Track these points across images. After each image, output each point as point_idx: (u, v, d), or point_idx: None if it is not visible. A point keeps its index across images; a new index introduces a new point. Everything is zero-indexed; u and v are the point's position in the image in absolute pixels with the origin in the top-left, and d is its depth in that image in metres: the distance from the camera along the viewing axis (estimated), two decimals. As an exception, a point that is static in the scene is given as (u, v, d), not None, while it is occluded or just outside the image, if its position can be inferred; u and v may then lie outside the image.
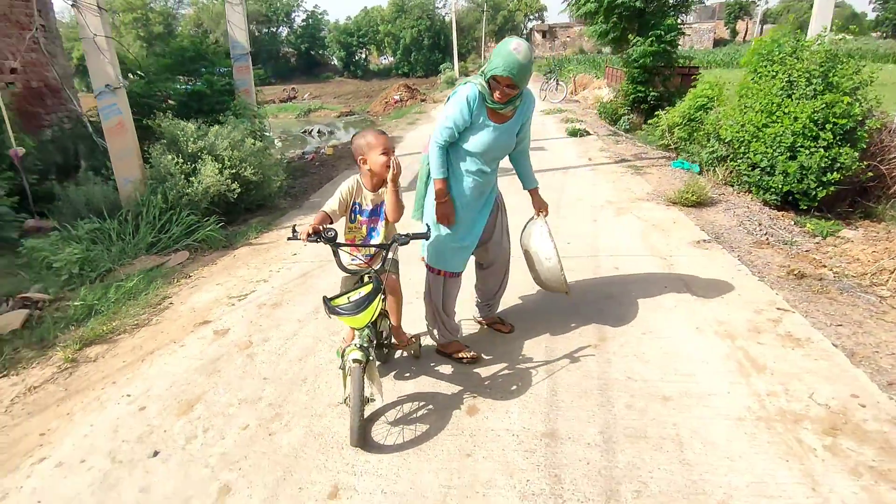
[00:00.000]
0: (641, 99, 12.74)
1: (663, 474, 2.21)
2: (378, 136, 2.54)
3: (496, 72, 2.51)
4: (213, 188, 5.35)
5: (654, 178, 7.17)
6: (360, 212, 2.62)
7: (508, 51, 2.49)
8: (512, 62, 2.46)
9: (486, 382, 2.88)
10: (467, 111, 2.64)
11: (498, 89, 2.57)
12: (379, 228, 2.63)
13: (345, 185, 2.60)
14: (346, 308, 2.26)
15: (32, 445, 2.57)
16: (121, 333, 3.64)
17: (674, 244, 4.73)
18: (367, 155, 2.50)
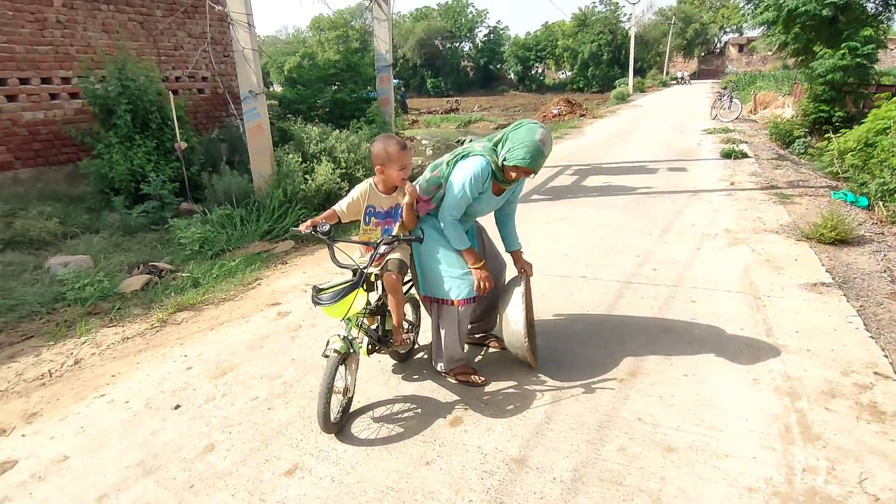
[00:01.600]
0: (824, 119, 11.12)
1: (620, 529, 1.96)
2: (399, 151, 2.54)
3: (522, 164, 2.51)
4: (325, 186, 5.88)
5: (799, 208, 6.20)
6: (375, 213, 2.67)
7: (535, 143, 2.48)
8: (538, 156, 2.51)
9: (484, 398, 2.79)
10: (478, 188, 2.64)
11: (515, 173, 2.59)
12: (393, 230, 2.67)
13: (358, 189, 2.67)
14: (322, 298, 2.37)
15: (102, 383, 3.11)
16: (209, 304, 4.20)
17: (779, 284, 4.07)
18: (385, 167, 2.55)
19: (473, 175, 2.60)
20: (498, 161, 2.62)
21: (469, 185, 2.61)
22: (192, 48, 9.07)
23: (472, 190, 2.62)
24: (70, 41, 7.31)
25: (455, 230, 2.71)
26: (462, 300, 2.70)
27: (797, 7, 10.28)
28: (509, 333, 2.80)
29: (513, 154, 2.52)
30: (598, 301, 3.88)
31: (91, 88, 6.25)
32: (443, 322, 2.79)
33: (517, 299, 2.76)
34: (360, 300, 2.41)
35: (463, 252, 2.73)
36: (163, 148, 6.60)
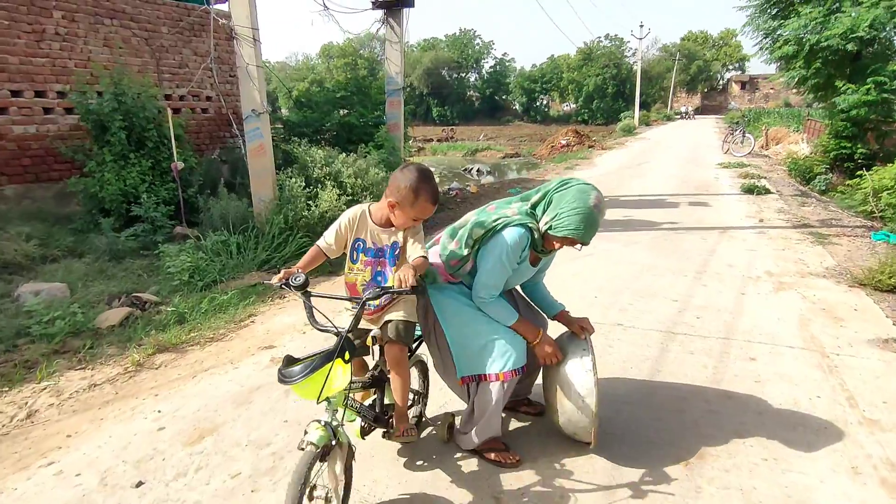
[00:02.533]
0: (846, 157, 10.77)
1: None
2: (427, 202, 2.00)
3: (573, 235, 2.10)
4: (328, 213, 5.42)
5: (841, 250, 5.73)
6: (365, 250, 2.10)
7: (589, 211, 2.07)
8: (592, 225, 2.10)
9: (522, 494, 2.24)
10: (517, 260, 2.22)
11: (560, 244, 2.18)
12: (388, 274, 2.08)
13: (346, 216, 2.12)
14: (290, 374, 1.73)
15: (54, 446, 2.58)
16: (193, 345, 3.68)
17: (846, 339, 3.57)
18: (399, 207, 1.99)
19: (510, 248, 2.16)
20: (539, 227, 2.18)
21: (507, 260, 2.17)
22: (198, 66, 8.73)
23: (510, 264, 2.20)
24: (69, 54, 6.95)
25: (499, 307, 2.26)
26: (508, 372, 2.21)
27: (819, 42, 9.97)
28: (569, 409, 2.26)
29: (561, 223, 2.10)
30: (641, 355, 3.37)
31: (84, 103, 5.86)
32: (482, 399, 2.28)
33: (583, 364, 2.24)
34: (341, 375, 1.77)
35: (515, 327, 2.27)
36: (159, 168, 6.17)
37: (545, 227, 2.16)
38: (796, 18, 10.37)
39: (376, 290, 1.84)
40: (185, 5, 8.58)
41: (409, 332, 2.15)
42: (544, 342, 2.29)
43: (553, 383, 2.33)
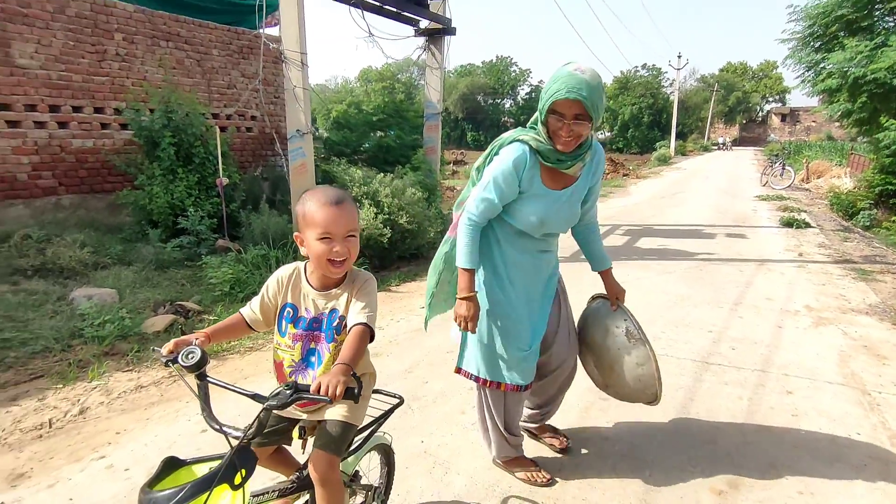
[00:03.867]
0: (892, 192, 10.47)
1: None
2: (321, 207, 1.50)
3: (558, 95, 1.83)
4: (365, 231, 5.56)
5: (885, 287, 5.58)
6: (294, 320, 1.61)
7: (568, 71, 1.85)
8: (578, 80, 1.82)
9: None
10: (514, 178, 2.01)
11: (562, 127, 1.89)
12: (323, 354, 1.60)
13: (274, 276, 1.65)
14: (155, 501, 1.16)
15: (104, 442, 2.71)
16: (233, 353, 3.82)
17: (888, 378, 3.48)
18: (304, 233, 1.55)
19: (503, 162, 2.00)
20: (541, 129, 1.97)
21: (501, 176, 2.00)
22: (245, 87, 9.12)
23: (505, 183, 2.00)
24: (127, 73, 7.35)
25: (467, 238, 2.07)
26: (511, 386, 2.19)
27: (864, 75, 9.82)
28: (632, 378, 2.20)
29: (545, 95, 1.89)
30: (676, 384, 3.35)
31: (136, 120, 6.18)
32: (485, 405, 2.31)
33: (629, 333, 2.20)
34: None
35: (460, 272, 2.09)
36: (204, 183, 6.43)
37: (540, 118, 1.96)
38: (840, 51, 10.25)
39: (287, 392, 1.29)
40: (236, 30, 8.99)
41: (346, 439, 1.62)
42: (467, 303, 2.06)
43: (603, 362, 2.29)
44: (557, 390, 2.46)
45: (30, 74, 6.34)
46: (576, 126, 1.88)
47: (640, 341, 2.19)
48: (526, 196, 2.06)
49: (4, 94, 6.12)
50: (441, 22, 7.94)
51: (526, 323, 2.18)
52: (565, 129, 1.89)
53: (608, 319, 2.30)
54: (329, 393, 1.27)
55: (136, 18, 7.41)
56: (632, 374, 2.21)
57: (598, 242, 2.38)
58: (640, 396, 2.29)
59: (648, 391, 2.23)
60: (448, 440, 2.73)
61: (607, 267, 2.36)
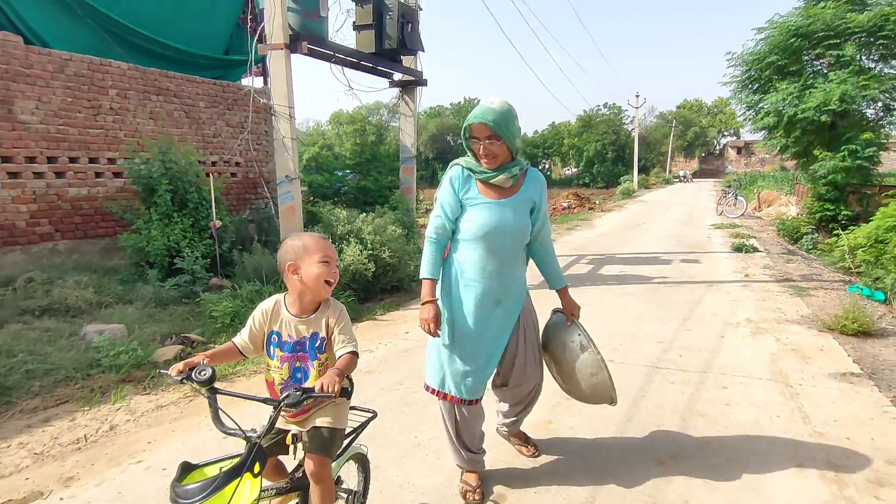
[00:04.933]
0: (830, 217, 11.44)
1: None
2: (319, 240, 1.86)
3: (469, 121, 2.28)
4: (352, 266, 6.06)
5: (816, 301, 6.29)
6: (280, 344, 1.87)
7: (482, 103, 2.30)
8: (485, 108, 2.25)
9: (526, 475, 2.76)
10: (451, 192, 2.38)
11: (479, 147, 2.29)
12: (310, 371, 1.86)
13: (259, 308, 1.90)
14: (180, 494, 1.42)
15: (138, 449, 3.11)
16: (240, 376, 4.24)
17: (809, 373, 4.09)
18: (301, 264, 1.81)
19: (445, 181, 2.41)
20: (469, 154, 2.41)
21: (442, 193, 2.40)
22: (230, 136, 9.66)
23: (446, 197, 2.39)
24: (120, 126, 7.84)
25: (425, 253, 2.42)
26: (455, 398, 2.44)
27: (796, 114, 10.88)
28: (589, 386, 2.50)
29: (464, 123, 2.33)
30: (629, 385, 3.89)
31: (135, 168, 6.63)
32: (444, 416, 2.58)
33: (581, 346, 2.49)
34: (247, 493, 1.50)
35: (423, 281, 2.40)
36: (198, 226, 6.87)
37: (466, 140, 2.37)
38: (774, 93, 11.36)
39: (297, 393, 1.58)
40: (221, 83, 9.59)
41: (335, 443, 1.89)
42: (426, 307, 2.34)
43: (563, 371, 2.59)
44: (519, 403, 2.74)
45: (30, 129, 6.79)
46: (490, 145, 2.27)
47: (592, 353, 2.46)
48: (470, 207, 2.37)
49: (6, 147, 6.54)
50: (413, 75, 8.67)
51: (474, 342, 2.40)
52: (482, 149, 2.29)
53: (564, 334, 2.58)
54: (330, 390, 1.59)
55: (129, 75, 7.95)
56: (587, 382, 2.50)
57: (554, 263, 2.63)
58: (599, 400, 2.60)
59: (605, 395, 2.53)
60: (438, 434, 3.19)
61: (563, 285, 2.61)
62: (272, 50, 6.12)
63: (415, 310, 6.03)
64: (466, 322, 2.39)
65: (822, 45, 10.94)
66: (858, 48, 10.71)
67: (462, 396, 2.43)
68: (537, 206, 2.46)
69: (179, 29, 8.87)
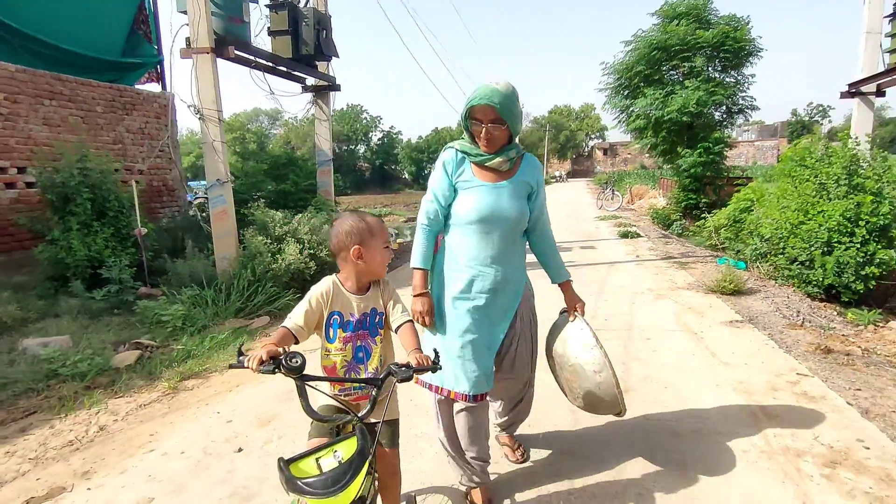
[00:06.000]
0: (693, 205, 13.24)
1: (665, 484, 2.52)
2: (379, 222, 1.87)
3: (473, 102, 2.11)
4: (293, 265, 6.22)
5: (697, 271, 7.51)
6: (343, 325, 1.84)
7: (485, 83, 2.13)
8: (490, 89, 2.09)
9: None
10: (444, 175, 2.25)
11: (481, 130, 2.14)
12: (371, 349, 1.88)
13: (315, 291, 1.84)
14: (316, 485, 1.40)
15: (144, 441, 3.18)
16: (213, 372, 4.31)
17: (706, 323, 5.05)
18: (365, 247, 1.80)
19: (438, 164, 2.29)
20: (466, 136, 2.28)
21: (435, 177, 2.28)
22: (132, 142, 9.20)
23: (439, 181, 2.27)
24: (11, 133, 7.24)
25: (417, 240, 2.30)
26: (460, 395, 2.24)
27: (662, 117, 12.55)
28: (592, 385, 2.30)
29: (466, 104, 2.17)
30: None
31: (47, 177, 6.25)
32: (440, 423, 2.41)
33: (585, 342, 2.31)
34: (368, 479, 1.54)
35: (414, 271, 2.28)
36: (119, 234, 6.60)
37: (463, 124, 2.24)
38: (643, 98, 12.98)
39: (403, 369, 1.61)
40: (119, 87, 9.10)
41: (397, 432, 1.97)
42: (420, 299, 2.24)
43: (565, 371, 2.40)
44: (512, 398, 2.58)
45: (-90, 136, 6.11)
46: (492, 129, 2.13)
47: (595, 348, 2.27)
48: (464, 190, 2.25)
49: None
50: (328, 80, 8.90)
51: (471, 333, 2.22)
52: (484, 132, 2.14)
53: (565, 330, 2.41)
54: (427, 362, 1.65)
55: (18, 78, 7.36)
56: (591, 381, 2.28)
57: (556, 255, 2.51)
58: (603, 405, 2.36)
59: (609, 398, 2.29)
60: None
61: (566, 279, 2.48)
62: (198, 54, 6.10)
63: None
64: (462, 312, 2.24)
65: (678, 57, 12.70)
66: (706, 60, 12.58)
67: (465, 392, 2.22)
68: (535, 191, 2.35)
69: (69, 30, 8.33)
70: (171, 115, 9.59)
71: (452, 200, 2.29)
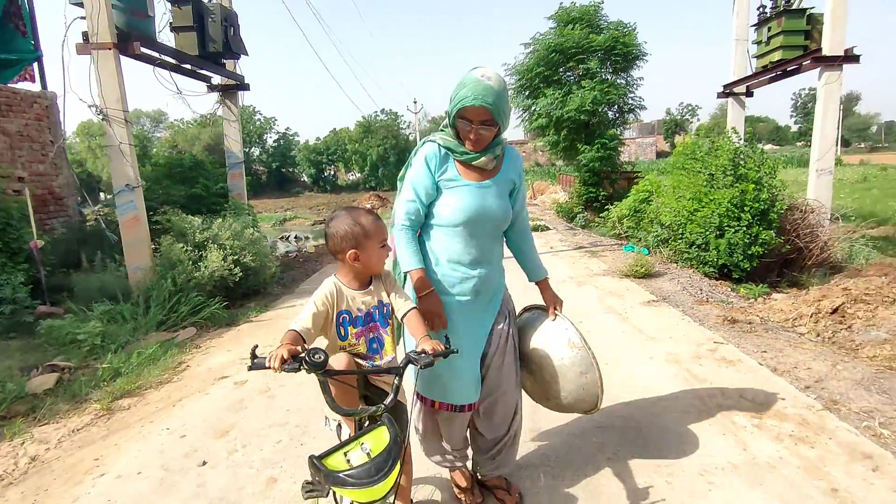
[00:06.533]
0: (593, 199, 14.16)
1: (629, 448, 2.77)
2: (374, 220, 1.84)
3: (465, 102, 1.95)
4: (217, 273, 5.93)
5: (608, 259, 8.10)
6: (353, 321, 1.87)
7: (475, 78, 1.97)
8: (484, 87, 1.94)
9: None
10: (427, 172, 2.09)
11: (470, 131, 2.01)
12: (384, 339, 1.92)
13: (319, 294, 1.84)
14: (361, 475, 1.42)
15: (89, 467, 2.93)
16: (147, 389, 4.03)
17: (627, 304, 5.49)
18: (361, 249, 1.81)
19: (419, 160, 2.11)
20: (450, 131, 2.11)
21: (416, 174, 2.10)
22: (7, 147, 8.25)
23: (421, 179, 2.09)
24: None
25: (403, 243, 2.11)
26: (446, 406, 2.18)
27: (563, 115, 13.31)
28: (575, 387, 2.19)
29: (454, 101, 2.01)
30: (514, 331, 4.80)
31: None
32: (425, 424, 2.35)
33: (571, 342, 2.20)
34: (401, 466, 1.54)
35: (411, 273, 2.10)
36: (9, 249, 5.92)
37: (449, 121, 2.08)
38: (544, 98, 13.67)
39: (423, 355, 1.66)
40: (-10, 85, 8.15)
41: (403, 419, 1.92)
42: (431, 300, 2.08)
43: (544, 373, 2.25)
44: (499, 429, 2.30)
45: None
46: (483, 130, 2.00)
47: (582, 349, 2.18)
48: (447, 190, 2.10)
49: None
50: (236, 79, 8.53)
51: (456, 338, 2.04)
52: (473, 133, 2.01)
53: (548, 329, 2.28)
54: (441, 349, 1.70)
55: None
56: (576, 382, 2.17)
57: (533, 251, 2.40)
58: (580, 405, 2.27)
59: (590, 399, 2.21)
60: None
61: (544, 277, 2.38)
62: (99, 50, 5.63)
63: (286, 308, 6.18)
64: (452, 316, 2.13)
65: (574, 59, 13.51)
66: (600, 63, 13.50)
67: (454, 402, 2.15)
68: (517, 186, 2.24)
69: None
70: (55, 117, 8.71)
71: (435, 199, 2.12)
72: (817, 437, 2.77)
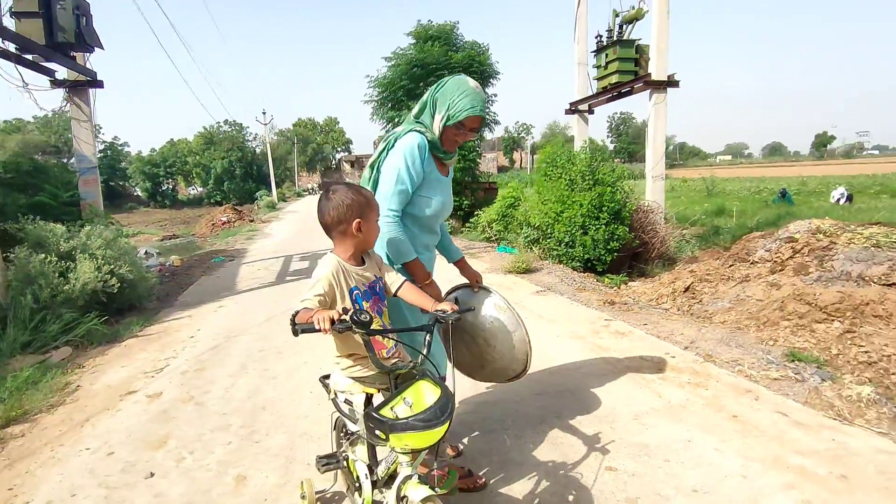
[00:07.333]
0: (457, 207, 14.91)
1: (569, 408, 3.15)
2: (371, 193, 1.97)
3: (473, 112, 2.12)
4: (89, 285, 5.31)
5: (487, 259, 8.69)
6: (363, 295, 1.90)
7: (471, 89, 2.14)
8: (482, 98, 2.14)
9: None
10: (420, 163, 2.16)
11: (460, 135, 2.19)
12: (383, 309, 2.00)
13: (324, 272, 1.83)
14: (428, 416, 1.55)
15: (7, 497, 2.56)
16: (37, 414, 3.53)
17: (520, 295, 6.02)
18: (366, 218, 1.87)
19: (407, 153, 2.14)
20: (434, 128, 2.21)
21: (408, 162, 2.14)
22: None
23: (413, 168, 2.15)
24: None
25: (398, 234, 2.16)
26: None
27: (428, 128, 13.86)
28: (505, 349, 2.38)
29: (457, 108, 2.13)
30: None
31: None
32: None
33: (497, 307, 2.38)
34: None
35: (408, 266, 2.19)
36: None
37: (443, 123, 2.16)
38: (408, 111, 14.12)
39: (450, 312, 1.85)
40: None
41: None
42: (431, 288, 2.22)
43: (476, 339, 2.40)
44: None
45: None
46: (471, 136, 2.19)
47: (508, 309, 2.34)
48: (427, 181, 2.22)
49: None
50: (88, 74, 7.66)
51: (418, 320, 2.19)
52: (462, 138, 2.20)
53: (474, 300, 2.41)
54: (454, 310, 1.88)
55: None
56: (507, 342, 2.33)
57: (448, 237, 2.61)
58: (513, 366, 2.42)
59: (521, 357, 2.37)
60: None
61: (461, 256, 2.59)
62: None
63: (173, 321, 5.73)
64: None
65: (435, 74, 14.17)
66: (459, 79, 14.31)
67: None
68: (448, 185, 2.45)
69: None
70: None
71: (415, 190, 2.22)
72: (708, 382, 3.41)
